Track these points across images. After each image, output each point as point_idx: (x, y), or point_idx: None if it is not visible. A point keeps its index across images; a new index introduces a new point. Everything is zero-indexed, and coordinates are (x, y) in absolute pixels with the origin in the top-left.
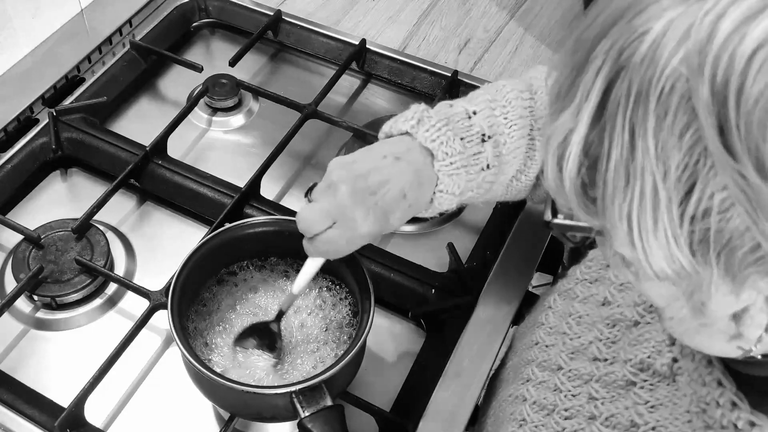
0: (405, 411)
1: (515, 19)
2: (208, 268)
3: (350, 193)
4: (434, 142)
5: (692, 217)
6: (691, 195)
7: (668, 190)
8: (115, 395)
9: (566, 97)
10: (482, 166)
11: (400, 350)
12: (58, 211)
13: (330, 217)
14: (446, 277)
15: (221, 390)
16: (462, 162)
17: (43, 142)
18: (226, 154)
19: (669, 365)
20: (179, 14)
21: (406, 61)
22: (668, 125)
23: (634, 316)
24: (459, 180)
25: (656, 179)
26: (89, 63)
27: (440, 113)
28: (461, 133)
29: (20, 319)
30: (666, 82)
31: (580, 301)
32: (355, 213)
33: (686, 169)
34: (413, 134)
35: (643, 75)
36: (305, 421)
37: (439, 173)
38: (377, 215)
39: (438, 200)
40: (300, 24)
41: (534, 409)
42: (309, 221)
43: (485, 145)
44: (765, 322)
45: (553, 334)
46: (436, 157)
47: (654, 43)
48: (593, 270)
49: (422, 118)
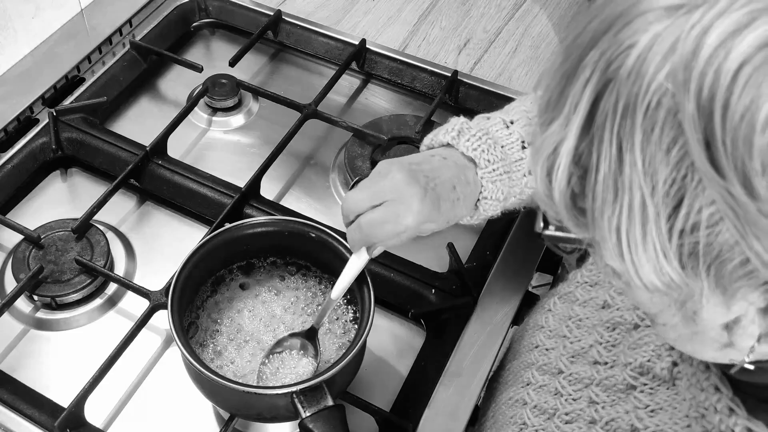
0: (405, 411)
1: (515, 20)
2: (208, 268)
3: (405, 173)
4: (475, 150)
5: (681, 231)
6: (680, 209)
7: (656, 204)
8: (115, 395)
9: (555, 107)
10: (524, 172)
11: (400, 350)
12: (58, 211)
13: (379, 196)
14: (446, 277)
15: (222, 390)
16: (504, 168)
17: (43, 142)
18: (226, 154)
19: (669, 369)
20: (179, 14)
21: (406, 61)
22: (655, 140)
23: (634, 319)
24: (502, 186)
25: (644, 193)
26: (89, 63)
27: (479, 124)
28: (501, 141)
29: (20, 319)
30: (653, 97)
31: (580, 304)
32: (410, 189)
33: (674, 184)
34: (454, 145)
35: (630, 89)
36: (306, 421)
37: (483, 180)
38: (431, 197)
39: (483, 206)
40: (300, 24)
41: (534, 413)
42: (355, 199)
43: (526, 151)
44: (757, 333)
45: (553, 338)
46: (479, 164)
47: (640, 57)
48: (593, 273)
49: (462, 130)
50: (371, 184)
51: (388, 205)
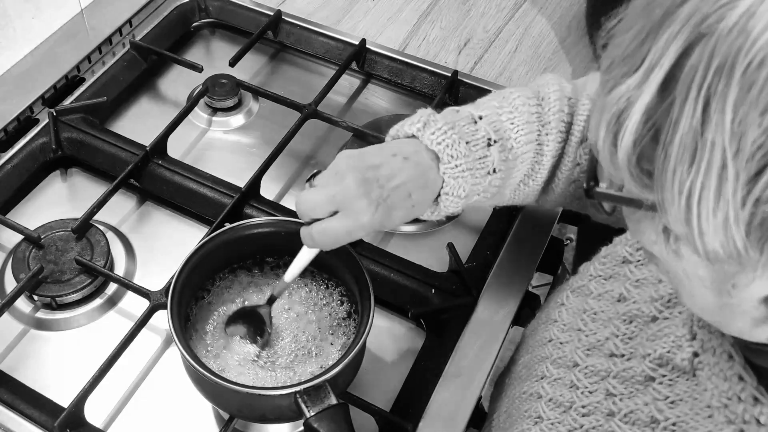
0: (405, 411)
1: (515, 20)
2: (208, 268)
3: (358, 182)
4: (439, 145)
5: (757, 198)
6: (762, 176)
7: (738, 167)
8: (115, 395)
9: (630, 62)
10: (488, 170)
11: (400, 350)
12: (58, 211)
13: (333, 204)
14: (446, 277)
15: (224, 392)
16: (467, 165)
17: (43, 142)
18: (226, 154)
19: (689, 360)
20: (179, 14)
21: (406, 61)
22: (751, 100)
23: (651, 311)
24: (464, 183)
25: (727, 155)
26: (89, 63)
27: (446, 117)
28: (466, 137)
29: (20, 319)
30: (757, 54)
31: (594, 298)
32: (361, 202)
33: (761, 148)
34: (419, 137)
35: (730, 44)
36: (311, 420)
37: (445, 176)
38: (382, 208)
39: (444, 203)
40: (300, 24)
41: (550, 407)
42: (311, 204)
43: (491, 149)
44: None
45: (567, 331)
46: (441, 159)
47: (748, 11)
48: (607, 266)
49: (428, 122)
50: (326, 185)
51: (340, 216)
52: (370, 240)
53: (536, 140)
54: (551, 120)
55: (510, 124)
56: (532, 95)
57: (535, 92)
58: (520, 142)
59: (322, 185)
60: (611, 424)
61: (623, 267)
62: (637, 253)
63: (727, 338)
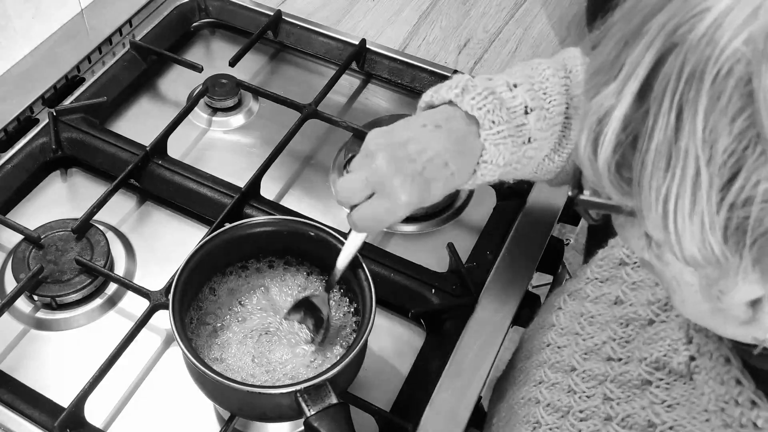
0: (405, 411)
1: (515, 20)
2: (208, 268)
3: (389, 160)
4: (480, 110)
5: (731, 204)
6: (734, 181)
7: (711, 174)
8: (115, 395)
9: (609, 70)
10: (524, 140)
11: (400, 350)
12: (58, 211)
13: (368, 187)
14: (446, 277)
15: (225, 391)
16: (509, 131)
17: (43, 142)
18: (226, 154)
19: (686, 363)
20: (179, 14)
21: (406, 61)
22: (721, 108)
23: (648, 314)
24: (505, 150)
25: (700, 162)
26: (89, 63)
27: (483, 83)
28: (507, 104)
29: (20, 319)
30: (724, 64)
31: (591, 301)
32: (395, 180)
33: (733, 155)
34: (457, 103)
35: (699, 54)
36: (312, 419)
37: (486, 142)
38: (419, 183)
39: (482, 170)
40: (300, 24)
41: (548, 411)
42: (347, 191)
43: (528, 117)
44: None
45: (565, 335)
46: (483, 125)
47: (715, 21)
48: (604, 269)
49: (467, 87)
50: (359, 168)
51: (377, 198)
52: (371, 240)
53: (564, 113)
54: (578, 93)
55: (543, 94)
56: (560, 66)
57: (562, 64)
58: (552, 112)
59: (356, 169)
60: (608, 429)
61: (620, 269)
62: (633, 255)
63: (724, 342)
